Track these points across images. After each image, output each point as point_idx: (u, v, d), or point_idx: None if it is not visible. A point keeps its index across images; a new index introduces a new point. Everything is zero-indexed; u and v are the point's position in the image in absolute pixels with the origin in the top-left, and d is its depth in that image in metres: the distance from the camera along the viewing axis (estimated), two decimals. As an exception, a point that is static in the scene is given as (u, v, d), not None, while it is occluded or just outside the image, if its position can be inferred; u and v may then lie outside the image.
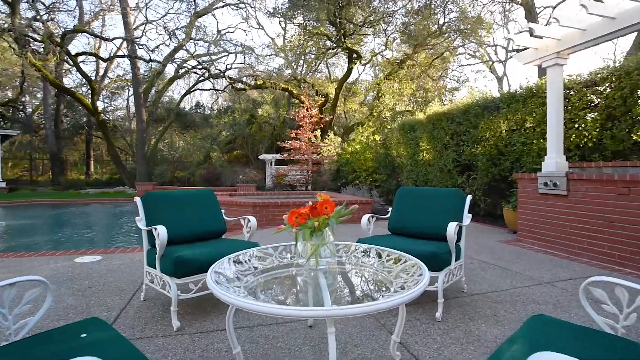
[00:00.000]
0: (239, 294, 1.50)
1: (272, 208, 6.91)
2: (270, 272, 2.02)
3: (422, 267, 1.79)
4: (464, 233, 2.98)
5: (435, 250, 2.57)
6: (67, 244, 6.22)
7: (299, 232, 1.73)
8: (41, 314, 1.37)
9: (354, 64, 17.98)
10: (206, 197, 3.20)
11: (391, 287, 1.71)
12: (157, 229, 2.43)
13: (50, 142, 24.60)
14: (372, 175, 14.45)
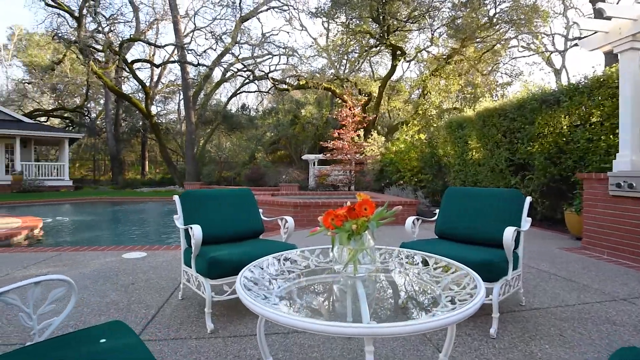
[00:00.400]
0: (268, 302, 1.37)
1: (313, 208, 6.81)
2: (304, 277, 1.88)
3: (475, 278, 1.56)
4: (522, 239, 2.66)
5: (490, 258, 2.29)
6: (117, 239, 6.54)
7: (336, 236, 1.57)
8: (65, 314, 1.34)
9: (398, 61, 17.50)
10: (244, 197, 3.14)
11: (440, 300, 1.50)
12: (192, 228, 2.39)
13: (110, 144, 26.54)
14: (417, 176, 13.95)
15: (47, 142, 23.23)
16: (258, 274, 1.73)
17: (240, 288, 1.46)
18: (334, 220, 1.52)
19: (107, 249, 4.55)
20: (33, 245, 5.65)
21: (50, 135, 19.80)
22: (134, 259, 4.07)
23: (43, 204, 12.87)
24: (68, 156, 20.49)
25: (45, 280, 1.23)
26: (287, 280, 1.78)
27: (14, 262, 3.92)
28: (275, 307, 1.30)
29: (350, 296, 1.61)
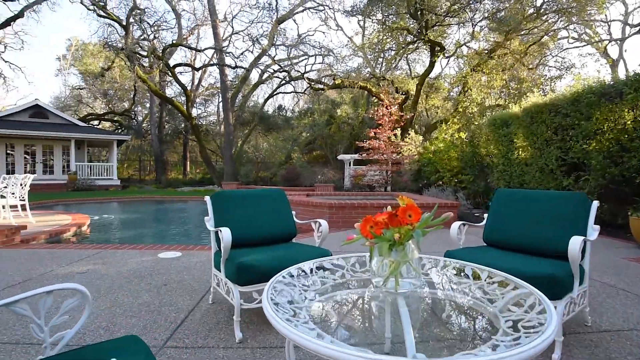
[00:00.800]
0: (297, 321, 1.21)
1: (349, 210, 6.61)
2: (339, 291, 1.70)
3: (543, 300, 1.31)
4: (589, 250, 2.31)
5: (552, 271, 1.99)
6: (156, 238, 6.71)
7: (375, 246, 1.38)
8: (78, 327, 1.24)
9: (437, 58, 16.85)
10: (276, 198, 3.02)
11: (499, 325, 1.27)
12: (221, 230, 2.29)
13: (154, 145, 27.81)
14: (457, 176, 13.36)
15: (99, 144, 24.73)
16: (288, 285, 1.58)
17: (267, 303, 1.31)
18: (373, 228, 1.33)
19: (145, 248, 4.62)
20: (79, 242, 5.90)
21: (101, 138, 21.05)
22: (169, 259, 4.08)
23: (93, 202, 13.63)
24: (116, 157, 21.67)
25: (58, 289, 1.14)
26: (319, 293, 1.61)
27: (59, 259, 4.06)
28: (304, 328, 1.14)
29: (390, 315, 1.41)
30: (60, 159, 20.94)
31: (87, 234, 6.67)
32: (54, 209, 10.83)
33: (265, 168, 26.52)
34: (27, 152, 20.61)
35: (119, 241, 6.18)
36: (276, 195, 3.04)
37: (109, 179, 20.20)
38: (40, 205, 11.75)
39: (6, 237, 4.81)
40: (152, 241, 6.27)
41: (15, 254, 4.31)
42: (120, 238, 6.46)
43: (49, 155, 20.84)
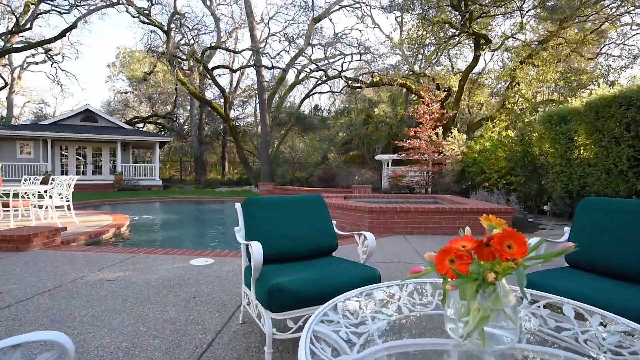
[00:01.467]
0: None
1: (391, 214, 6.16)
2: (396, 335, 1.31)
3: None
4: None
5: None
6: (190, 241, 6.61)
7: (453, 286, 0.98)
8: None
9: (482, 51, 15.82)
10: (315, 205, 2.67)
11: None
12: (251, 245, 1.97)
13: (194, 146, 28.61)
14: (505, 177, 12.44)
15: (143, 146, 25.81)
16: (331, 324, 1.22)
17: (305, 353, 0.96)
18: (455, 263, 0.93)
19: (177, 253, 4.46)
20: (115, 245, 5.90)
21: (144, 140, 21.90)
22: (201, 267, 3.87)
23: (137, 202, 14.07)
24: (159, 158, 22.46)
25: (29, 342, 0.85)
26: (371, 335, 1.23)
27: (92, 263, 3.97)
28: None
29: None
30: (108, 160, 22.01)
31: (126, 235, 6.71)
32: (100, 209, 11.23)
33: (301, 168, 26.42)
34: (79, 153, 21.87)
35: (155, 243, 6.14)
36: (314, 202, 2.70)
37: (152, 179, 20.94)
38: (88, 205, 12.26)
39: (47, 238, 4.84)
40: (187, 244, 6.17)
41: (52, 256, 4.29)
42: (156, 240, 6.43)
43: (98, 156, 21.97)
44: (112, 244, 5.87)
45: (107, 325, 2.40)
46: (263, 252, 1.96)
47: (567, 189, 9.16)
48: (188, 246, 5.95)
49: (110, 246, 5.44)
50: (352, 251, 4.36)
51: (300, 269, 2.16)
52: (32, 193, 7.64)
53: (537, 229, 7.17)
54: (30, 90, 41.01)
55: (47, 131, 19.20)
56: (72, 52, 43.39)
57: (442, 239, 5.69)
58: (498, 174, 12.52)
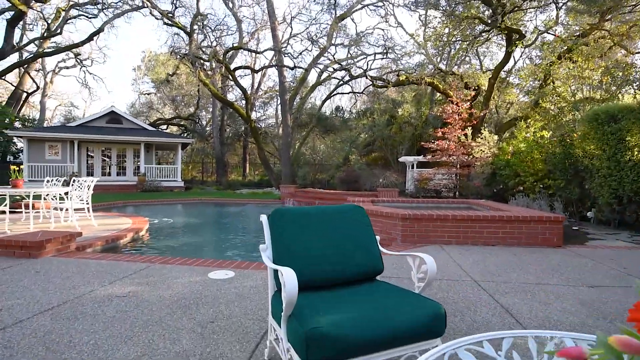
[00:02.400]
0: None
1: (426, 222, 5.63)
2: None
3: None
4: None
5: None
6: (211, 247, 6.28)
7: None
8: None
9: (515, 47, 14.96)
10: (355, 217, 2.21)
11: None
12: (282, 273, 1.53)
13: (216, 148, 28.71)
14: (542, 181, 11.64)
15: (165, 147, 26.04)
16: None
17: None
18: None
19: (195, 264, 4.09)
20: (131, 253, 5.63)
21: (167, 141, 22.04)
22: (220, 281, 3.48)
23: (158, 203, 14.00)
24: (181, 159, 22.55)
25: None
26: None
27: (104, 274, 3.66)
28: None
29: None
30: (132, 162, 22.27)
31: (144, 240, 6.44)
32: (123, 210, 11.15)
33: (322, 170, 26.02)
34: (104, 155, 22.23)
35: (174, 250, 5.83)
36: (354, 213, 2.24)
37: (174, 181, 21.02)
38: (112, 206, 12.24)
39: (61, 244, 4.59)
40: (207, 252, 5.84)
41: (64, 265, 4.01)
42: (175, 246, 6.13)
43: (122, 158, 22.26)
44: (128, 251, 5.60)
45: (109, 358, 2.03)
46: (297, 281, 1.52)
47: (617, 194, 8.36)
48: (208, 254, 5.62)
49: (125, 254, 5.16)
50: (396, 275, 3.89)
51: (342, 300, 1.70)
52: (53, 195, 7.53)
53: (587, 239, 6.47)
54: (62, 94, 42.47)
55: (74, 133, 19.57)
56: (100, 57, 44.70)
57: (484, 250, 5.13)
58: (534, 178, 11.76)
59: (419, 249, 5.25)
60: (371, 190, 15.24)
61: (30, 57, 23.19)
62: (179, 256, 4.68)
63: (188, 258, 4.37)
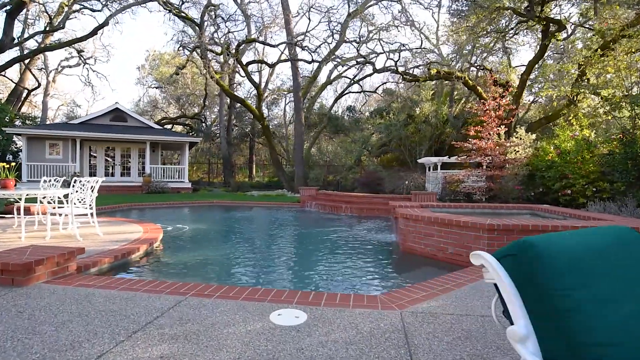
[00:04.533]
0: None
1: (518, 234, 4.46)
2: None
3: None
4: None
5: None
6: (246, 261, 5.11)
7: None
8: None
9: (554, 39, 13.80)
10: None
11: None
12: None
13: (223, 148, 27.56)
14: (594, 184, 10.49)
15: (171, 147, 24.92)
16: None
17: None
18: None
19: (243, 296, 2.92)
20: (150, 270, 4.46)
21: (174, 140, 20.89)
22: (292, 330, 2.30)
23: (166, 206, 12.86)
24: (188, 160, 21.42)
25: None
26: None
27: (117, 318, 2.49)
28: None
29: None
30: (137, 162, 21.15)
31: (160, 254, 5.28)
32: (128, 215, 10.00)
33: (333, 172, 24.91)
34: (108, 154, 21.11)
35: (201, 269, 4.65)
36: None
37: (181, 182, 19.88)
38: (116, 210, 11.10)
39: (57, 265, 3.43)
40: (243, 270, 4.66)
41: (60, 300, 2.84)
42: (200, 263, 4.95)
43: (126, 157, 21.14)
44: (143, 271, 4.43)
45: None
46: None
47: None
48: (246, 276, 4.44)
49: (142, 277, 4.00)
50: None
51: None
52: (50, 198, 6.38)
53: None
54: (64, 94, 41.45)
55: (75, 130, 18.45)
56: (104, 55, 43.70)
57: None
58: (585, 180, 10.60)
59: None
60: (398, 194, 14.09)
61: (31, 51, 22.13)
62: (213, 282, 3.52)
63: (230, 286, 3.19)
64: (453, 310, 2.82)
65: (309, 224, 9.21)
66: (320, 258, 5.34)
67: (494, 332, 2.42)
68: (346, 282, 4.13)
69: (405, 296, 3.14)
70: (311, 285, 4.03)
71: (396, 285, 4.06)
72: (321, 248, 6.03)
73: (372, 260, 5.36)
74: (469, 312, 2.78)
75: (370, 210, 10.68)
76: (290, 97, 36.71)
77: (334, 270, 4.62)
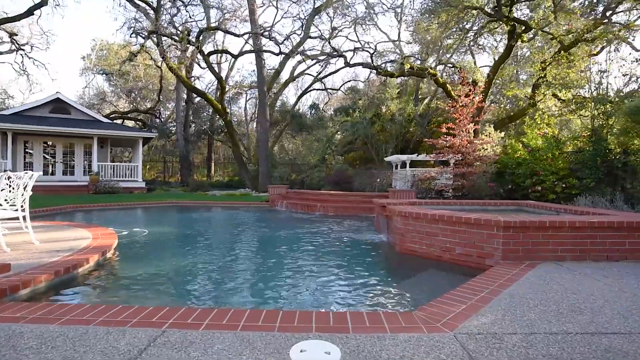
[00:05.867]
0: None
1: (534, 232, 4.05)
2: None
3: None
4: None
5: None
6: (227, 277, 4.27)
7: None
8: None
9: (519, 40, 14.08)
10: None
11: None
12: None
13: (180, 145, 25.80)
14: (564, 180, 10.69)
15: (122, 143, 22.89)
16: None
17: None
18: None
19: (245, 325, 2.14)
20: (106, 287, 3.51)
21: (126, 135, 19.04)
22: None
23: (119, 208, 11.47)
24: (142, 157, 19.67)
25: None
26: None
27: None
28: None
29: None
30: (82, 159, 19.09)
31: (116, 265, 4.30)
32: (72, 218, 8.64)
33: (297, 170, 24.22)
34: (47, 151, 18.83)
35: (172, 283, 3.76)
36: None
37: (134, 181, 18.17)
38: (57, 212, 9.61)
39: (-31, 287, 2.43)
40: (223, 278, 3.82)
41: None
42: (171, 274, 4.05)
43: (70, 154, 19.00)
44: (97, 289, 3.48)
45: None
46: None
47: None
48: (227, 287, 3.62)
49: (97, 304, 3.08)
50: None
51: None
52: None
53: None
54: (-6, 84, 36.92)
55: (7, 122, 16.16)
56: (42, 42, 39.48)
57: (619, 268, 3.68)
58: (555, 177, 10.79)
59: (532, 269, 3.67)
60: (364, 191, 13.70)
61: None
62: (191, 300, 2.70)
63: (220, 309, 2.39)
64: (513, 328, 2.26)
65: (285, 225, 8.44)
66: (310, 264, 4.63)
67: (582, 358, 1.87)
68: (352, 293, 3.48)
69: (443, 310, 2.54)
70: (310, 298, 3.32)
71: (412, 295, 3.46)
72: (306, 252, 5.32)
73: (369, 264, 4.75)
74: (533, 330, 2.23)
75: (347, 209, 10.11)
76: (251, 94, 35.33)
77: (330, 280, 3.93)
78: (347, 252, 5.34)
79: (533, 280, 3.34)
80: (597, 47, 13.78)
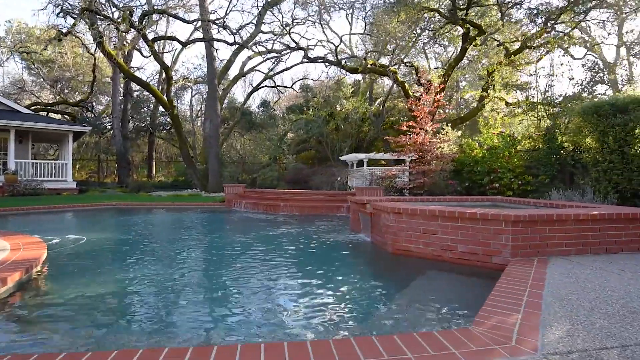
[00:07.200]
0: None
1: (541, 226, 3.79)
2: None
3: None
4: None
5: None
6: (193, 293, 3.44)
7: None
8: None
9: (473, 43, 14.54)
10: None
11: None
12: None
13: (117, 142, 23.41)
14: (521, 177, 11.09)
15: (48, 138, 20.13)
16: None
17: None
18: None
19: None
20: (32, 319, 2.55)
21: (52, 128, 16.63)
22: None
23: (43, 211, 9.77)
24: (72, 154, 17.36)
25: None
26: None
27: None
28: None
29: None
30: (-5, 155, 16.38)
31: (45, 285, 3.28)
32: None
33: (248, 170, 23.24)
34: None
35: (120, 306, 2.88)
36: None
37: (62, 181, 15.93)
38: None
39: None
40: (190, 299, 3.02)
41: None
42: (120, 295, 3.15)
43: (-21, 150, 16.21)
44: (20, 323, 2.51)
45: None
46: None
47: (618, 188, 7.87)
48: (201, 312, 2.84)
49: (13, 352, 2.17)
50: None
51: None
52: None
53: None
54: None
55: None
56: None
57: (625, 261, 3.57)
58: (512, 174, 11.16)
59: (547, 266, 3.39)
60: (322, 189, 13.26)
61: None
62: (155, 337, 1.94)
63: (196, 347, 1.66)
64: (599, 341, 1.84)
65: (250, 227, 7.60)
66: (290, 274, 3.95)
67: None
68: (362, 306, 2.89)
69: (501, 323, 2.07)
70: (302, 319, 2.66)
71: (440, 304, 2.95)
72: (282, 259, 4.61)
73: (364, 268, 4.22)
74: (622, 342, 1.83)
75: (313, 208, 9.52)
76: (196, 89, 33.30)
77: (326, 292, 3.28)
78: (334, 258, 4.75)
79: (560, 279, 3.01)
80: (541, 56, 14.66)
